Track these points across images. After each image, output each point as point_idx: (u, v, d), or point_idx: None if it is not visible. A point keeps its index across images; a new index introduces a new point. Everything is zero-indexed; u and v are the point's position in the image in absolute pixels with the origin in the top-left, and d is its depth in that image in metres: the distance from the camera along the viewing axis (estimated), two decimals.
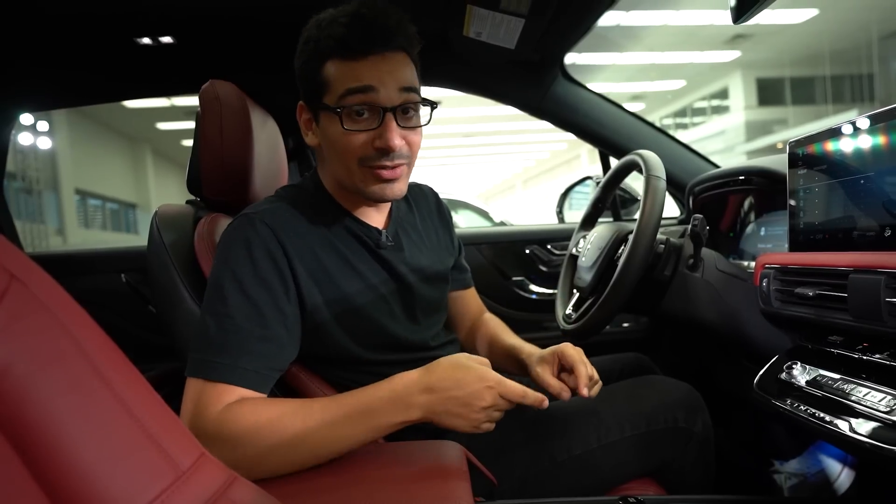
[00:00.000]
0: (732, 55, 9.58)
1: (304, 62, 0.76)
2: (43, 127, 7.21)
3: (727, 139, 10.95)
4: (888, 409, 0.57)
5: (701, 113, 11.96)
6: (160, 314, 0.88)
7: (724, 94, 11.08)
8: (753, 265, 0.85)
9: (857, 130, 0.68)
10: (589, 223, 1.25)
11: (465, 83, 1.53)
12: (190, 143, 0.96)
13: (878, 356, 0.63)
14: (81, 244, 8.20)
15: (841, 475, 0.96)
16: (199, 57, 1.38)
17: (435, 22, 1.23)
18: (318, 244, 0.78)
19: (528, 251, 1.65)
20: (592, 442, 0.84)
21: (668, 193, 0.97)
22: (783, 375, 0.72)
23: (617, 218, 1.45)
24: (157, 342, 1.19)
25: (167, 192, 11.67)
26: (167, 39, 1.28)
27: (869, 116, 0.66)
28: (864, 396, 0.60)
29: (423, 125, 0.78)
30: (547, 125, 1.59)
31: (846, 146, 0.70)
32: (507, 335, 0.98)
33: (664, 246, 1.00)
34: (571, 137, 1.62)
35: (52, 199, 8.50)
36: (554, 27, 1.21)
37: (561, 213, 1.81)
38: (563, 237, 1.64)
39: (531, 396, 0.68)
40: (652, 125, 1.57)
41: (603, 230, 1.11)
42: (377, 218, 0.86)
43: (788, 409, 0.67)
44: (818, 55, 9.39)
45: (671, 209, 1.70)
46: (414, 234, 0.91)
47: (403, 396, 0.66)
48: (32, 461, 0.32)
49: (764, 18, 7.60)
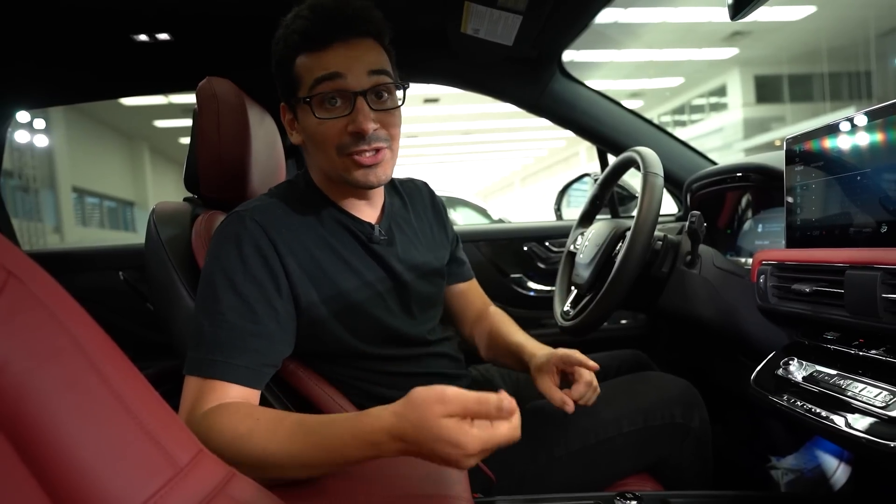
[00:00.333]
0: (730, 52, 9.58)
1: (276, 63, 0.78)
2: (40, 124, 7.18)
3: (725, 136, 10.95)
4: (884, 404, 0.57)
5: (699, 110, 11.96)
6: (158, 311, 0.88)
7: (722, 91, 11.08)
8: (751, 262, 0.85)
9: (854, 127, 0.68)
10: (587, 220, 1.25)
11: (462, 80, 1.53)
12: (187, 140, 0.96)
13: (874, 352, 0.63)
14: (79, 242, 8.18)
15: (837, 471, 0.97)
16: (196, 54, 1.37)
17: (432, 19, 1.23)
18: (309, 240, 0.78)
19: (526, 248, 1.65)
20: (590, 438, 0.85)
21: (665, 190, 0.97)
22: (780, 371, 0.72)
23: (615, 215, 1.45)
24: (154, 339, 1.19)
25: (165, 189, 11.64)
26: (164, 36, 1.27)
27: (866, 113, 0.66)
28: (860, 392, 0.61)
29: (398, 106, 0.78)
30: (545, 122, 1.59)
31: (843, 143, 0.70)
32: (510, 331, 0.97)
33: (662, 243, 1.00)
34: (569, 135, 1.62)
35: (49, 196, 8.47)
36: (552, 24, 1.21)
37: (559, 210, 1.81)
38: (561, 234, 1.65)
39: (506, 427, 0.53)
40: (650, 122, 1.57)
41: (601, 227, 1.12)
42: (369, 213, 0.86)
43: (785, 404, 0.67)
44: (816, 52, 9.39)
45: (669, 206, 1.70)
46: (408, 228, 0.91)
47: (374, 442, 0.55)
48: (31, 458, 0.32)
49: (762, 15, 7.61)
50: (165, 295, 0.84)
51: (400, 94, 0.79)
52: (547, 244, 1.66)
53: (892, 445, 0.54)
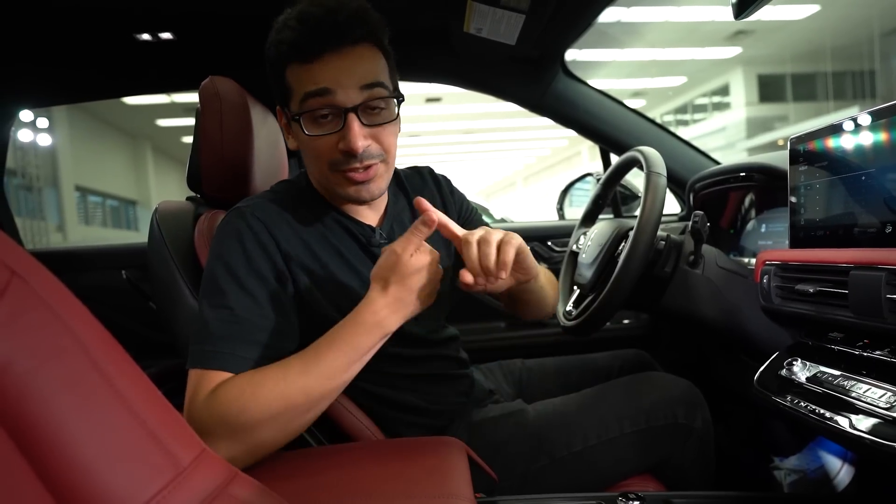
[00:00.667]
0: (733, 51, 9.56)
1: (269, 67, 0.75)
2: (43, 123, 7.19)
3: (728, 136, 10.93)
4: (888, 405, 0.57)
5: (702, 109, 11.94)
6: (161, 310, 0.88)
7: (725, 90, 11.05)
8: (754, 262, 0.85)
9: (858, 127, 0.67)
10: (589, 220, 1.25)
11: (465, 79, 1.53)
12: (190, 139, 0.96)
13: (878, 353, 0.63)
14: (82, 241, 8.20)
15: (841, 471, 0.97)
16: (198, 53, 1.37)
17: (435, 18, 1.22)
18: (310, 237, 0.78)
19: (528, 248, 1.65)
20: (592, 438, 0.84)
21: (668, 190, 0.96)
22: (783, 372, 0.72)
23: (617, 214, 1.45)
24: (157, 338, 1.19)
25: (167, 188, 11.67)
26: (167, 35, 1.28)
27: (870, 113, 0.66)
28: (864, 393, 0.60)
29: (391, 120, 0.75)
30: (547, 122, 1.58)
31: (847, 143, 0.69)
32: None
33: (665, 242, 1.00)
34: (572, 134, 1.62)
35: (52, 195, 8.49)
36: (554, 23, 1.21)
37: (561, 209, 1.80)
38: (563, 234, 1.64)
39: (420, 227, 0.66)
40: (653, 122, 1.57)
41: (603, 227, 1.11)
42: (371, 215, 0.85)
43: (788, 405, 0.67)
44: (819, 51, 9.36)
45: (672, 206, 1.70)
46: None
47: (377, 321, 0.67)
48: (34, 457, 0.32)
49: (765, 14, 7.59)
50: (168, 294, 0.84)
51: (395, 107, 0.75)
52: (549, 244, 1.66)
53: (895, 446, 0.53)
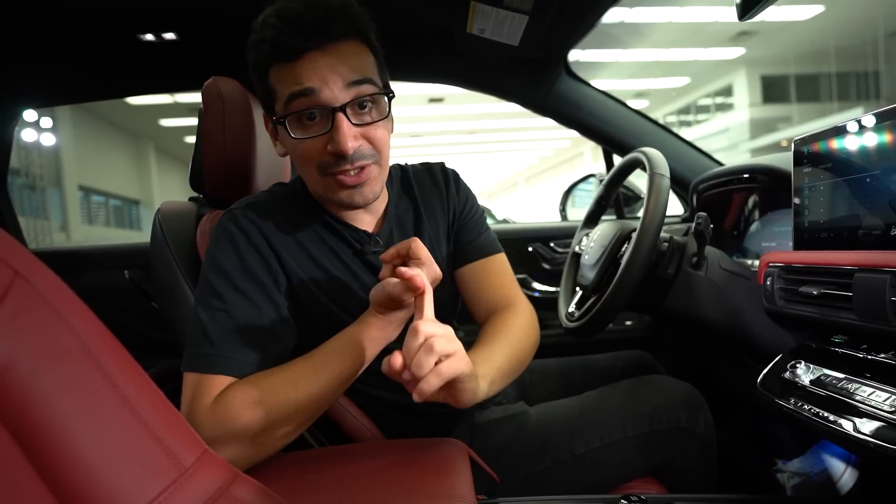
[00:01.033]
0: (737, 52, 9.54)
1: (252, 70, 0.72)
2: (46, 123, 7.22)
3: (731, 137, 10.90)
4: (892, 408, 0.56)
5: (705, 110, 11.92)
6: (163, 310, 0.88)
7: (728, 91, 11.03)
8: (757, 264, 0.85)
9: (862, 128, 0.67)
10: (592, 221, 1.25)
11: (468, 80, 1.53)
12: (193, 139, 0.96)
13: (882, 356, 0.63)
14: (85, 241, 8.22)
15: (844, 475, 0.96)
16: (201, 53, 1.38)
17: (438, 18, 1.22)
18: (305, 238, 0.77)
19: (530, 249, 1.65)
20: (594, 441, 0.84)
21: (671, 191, 0.96)
22: (787, 374, 0.72)
23: (620, 216, 1.44)
24: (159, 338, 1.19)
25: (170, 188, 11.69)
26: (170, 36, 1.28)
27: (875, 114, 0.65)
28: (868, 396, 0.60)
29: (383, 118, 0.71)
30: (550, 122, 1.58)
31: (852, 144, 0.69)
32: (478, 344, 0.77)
33: (668, 244, 1.00)
34: (574, 135, 1.61)
35: (55, 195, 8.52)
36: (558, 24, 1.21)
37: (564, 210, 1.80)
38: (566, 235, 1.64)
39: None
40: (656, 123, 1.56)
41: (606, 228, 1.11)
42: (367, 220, 0.82)
43: (792, 408, 0.67)
44: (824, 52, 9.33)
45: (675, 207, 1.69)
46: (415, 233, 0.87)
47: (376, 330, 0.69)
48: (36, 457, 0.32)
49: (769, 15, 7.57)
50: (170, 294, 0.84)
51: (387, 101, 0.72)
52: (552, 245, 1.65)
53: None
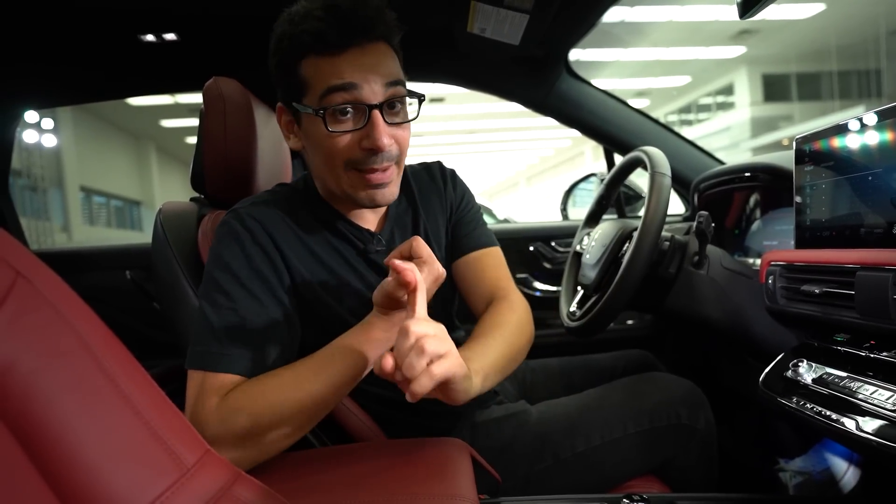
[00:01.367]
0: (738, 51, 9.53)
1: (279, 61, 0.72)
2: (48, 124, 7.23)
3: (732, 136, 10.89)
4: (895, 407, 0.56)
5: (706, 109, 11.91)
6: (164, 311, 0.88)
7: (729, 90, 11.02)
8: (759, 262, 0.85)
9: (864, 127, 0.67)
10: (593, 220, 1.25)
11: (468, 80, 1.53)
12: (194, 140, 0.96)
13: (885, 354, 0.62)
14: (86, 241, 8.23)
15: (847, 473, 0.96)
16: (202, 54, 1.38)
17: (439, 18, 1.22)
18: (309, 238, 0.77)
19: (531, 248, 1.65)
20: (595, 439, 0.84)
21: (672, 190, 0.96)
22: (789, 373, 0.71)
23: (621, 215, 1.44)
24: (161, 339, 1.20)
25: (171, 189, 11.71)
26: (171, 36, 1.28)
27: (876, 112, 0.65)
28: (870, 394, 0.60)
29: (411, 120, 0.74)
30: (551, 122, 1.58)
31: (853, 143, 0.69)
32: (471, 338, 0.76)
33: (669, 243, 1.00)
34: (575, 134, 1.62)
35: (56, 196, 8.54)
36: (558, 23, 1.21)
37: (565, 210, 1.80)
38: (567, 234, 1.64)
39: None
40: (657, 122, 1.56)
41: (607, 227, 1.11)
42: (371, 218, 0.83)
43: (794, 406, 0.67)
44: (825, 50, 9.32)
45: (676, 206, 1.69)
46: (414, 232, 0.87)
47: (379, 332, 0.69)
48: (38, 456, 0.32)
49: (770, 14, 7.56)
50: (172, 294, 0.84)
51: (412, 108, 0.74)
52: (553, 244, 1.65)
53: None
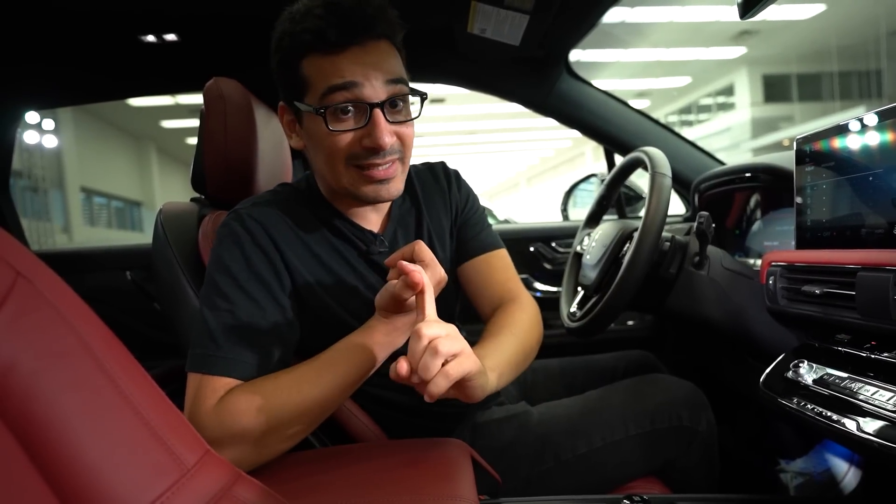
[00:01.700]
0: (738, 51, 9.53)
1: (280, 60, 0.72)
2: (48, 125, 7.24)
3: (733, 136, 10.89)
4: None
5: (706, 110, 11.91)
6: (165, 311, 0.88)
7: (729, 90, 11.02)
8: (760, 263, 0.85)
9: (864, 127, 0.67)
10: (594, 221, 1.25)
11: (469, 80, 1.53)
12: (194, 140, 0.97)
13: (886, 354, 0.62)
14: (87, 242, 8.24)
15: (848, 474, 0.96)
16: (203, 54, 1.38)
17: (439, 18, 1.22)
18: (311, 239, 0.77)
19: (532, 249, 1.65)
20: (597, 441, 0.84)
21: (673, 191, 0.96)
22: (790, 374, 0.71)
23: (622, 215, 1.44)
24: (161, 339, 1.20)
25: (172, 189, 11.71)
26: (171, 37, 1.28)
27: (877, 113, 0.65)
28: (871, 395, 0.60)
29: (413, 118, 0.74)
30: (551, 122, 1.58)
31: (854, 143, 0.69)
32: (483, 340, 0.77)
33: (669, 243, 1.00)
34: (575, 135, 1.62)
35: (57, 197, 8.55)
36: (558, 23, 1.21)
37: (565, 210, 1.80)
38: (567, 235, 1.64)
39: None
40: (657, 122, 1.56)
41: (608, 228, 1.11)
42: (374, 218, 0.83)
43: (795, 407, 0.66)
44: (825, 51, 9.32)
45: (676, 207, 1.69)
46: (417, 233, 0.87)
47: (381, 335, 0.70)
48: (38, 457, 0.32)
49: (770, 14, 7.56)
50: (172, 295, 0.84)
51: (414, 106, 0.74)
52: (553, 245, 1.65)
53: None
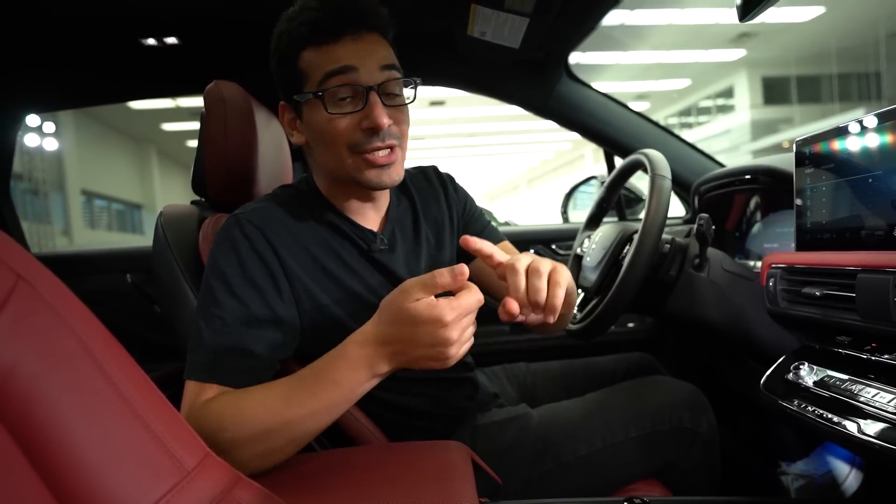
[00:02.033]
0: (738, 54, 9.54)
1: (279, 58, 0.75)
2: (49, 128, 7.25)
3: (732, 138, 10.89)
4: None
5: (706, 112, 11.91)
6: (165, 314, 0.89)
7: (729, 92, 11.02)
8: (760, 265, 0.85)
9: (864, 129, 0.67)
10: (594, 223, 1.25)
11: (469, 83, 1.53)
12: (195, 143, 0.97)
13: (886, 356, 0.62)
14: (87, 244, 8.25)
15: (849, 477, 0.96)
16: (203, 57, 1.38)
17: (439, 21, 1.23)
18: (309, 241, 0.77)
19: (532, 251, 1.65)
20: (597, 443, 0.84)
21: (673, 193, 0.96)
22: (790, 376, 0.71)
23: (622, 218, 1.44)
24: (162, 342, 1.19)
25: (172, 192, 11.72)
26: (172, 40, 1.28)
27: (876, 115, 0.65)
28: (872, 397, 0.60)
29: (408, 103, 0.77)
30: (551, 125, 1.59)
31: (853, 145, 0.69)
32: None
33: (669, 246, 1.00)
34: (576, 137, 1.62)
35: (58, 199, 8.55)
36: (558, 26, 1.21)
37: (565, 212, 1.80)
38: (567, 237, 1.64)
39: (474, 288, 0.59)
40: (657, 124, 1.57)
41: (608, 230, 1.11)
42: (373, 217, 0.84)
43: (795, 409, 0.66)
44: (824, 53, 9.33)
45: (676, 209, 1.69)
46: (414, 233, 0.88)
47: (366, 359, 0.61)
48: (38, 461, 0.32)
49: (770, 16, 7.57)
50: (172, 297, 0.84)
51: (408, 92, 0.77)
52: (553, 247, 1.65)
53: None
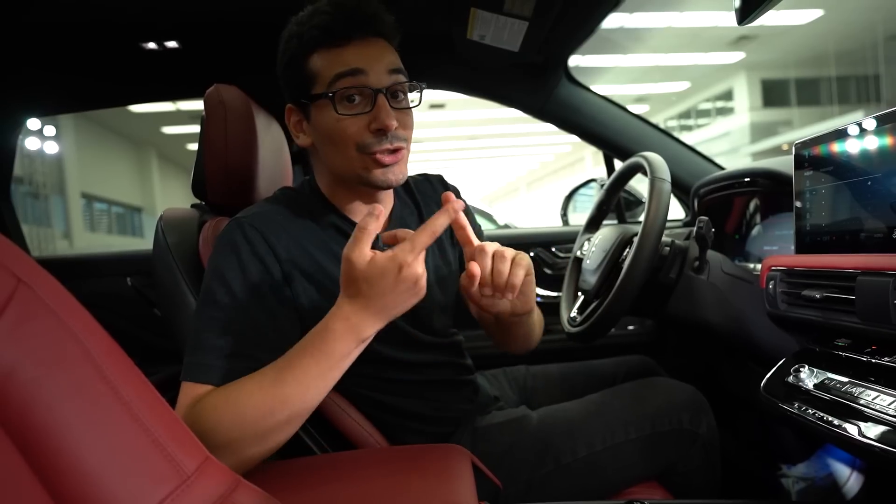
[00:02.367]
0: (737, 56, 9.56)
1: (287, 61, 0.77)
2: (50, 132, 7.26)
3: (732, 141, 10.91)
4: None
5: (705, 115, 11.94)
6: (165, 317, 0.89)
7: (728, 95, 11.05)
8: (759, 267, 0.85)
9: (863, 131, 0.67)
10: (593, 226, 1.25)
11: (468, 86, 1.53)
12: (195, 146, 0.97)
13: (886, 359, 0.62)
14: (87, 248, 8.25)
15: (850, 479, 0.95)
16: (203, 61, 1.38)
17: (439, 24, 1.23)
18: (310, 243, 0.77)
19: (532, 254, 1.65)
20: (597, 444, 0.84)
21: (672, 195, 0.96)
22: (790, 378, 0.71)
23: (622, 220, 1.44)
24: (162, 345, 1.19)
25: (172, 195, 11.73)
26: (172, 44, 1.29)
27: (875, 117, 0.65)
28: (872, 400, 0.60)
29: (413, 107, 0.79)
30: (551, 128, 1.59)
31: (853, 147, 0.69)
32: None
33: (669, 248, 1.00)
34: (576, 140, 1.62)
35: (58, 202, 8.56)
36: (558, 29, 1.21)
37: (565, 215, 1.80)
38: (567, 240, 1.64)
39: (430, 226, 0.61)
40: (656, 127, 1.57)
41: (607, 233, 1.11)
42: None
43: (796, 412, 0.66)
44: (823, 56, 9.35)
45: (676, 211, 1.69)
46: None
47: (351, 325, 0.63)
48: (38, 464, 0.32)
49: (769, 20, 7.59)
50: (172, 301, 0.84)
51: (413, 96, 0.79)
52: (553, 250, 1.65)
53: None
